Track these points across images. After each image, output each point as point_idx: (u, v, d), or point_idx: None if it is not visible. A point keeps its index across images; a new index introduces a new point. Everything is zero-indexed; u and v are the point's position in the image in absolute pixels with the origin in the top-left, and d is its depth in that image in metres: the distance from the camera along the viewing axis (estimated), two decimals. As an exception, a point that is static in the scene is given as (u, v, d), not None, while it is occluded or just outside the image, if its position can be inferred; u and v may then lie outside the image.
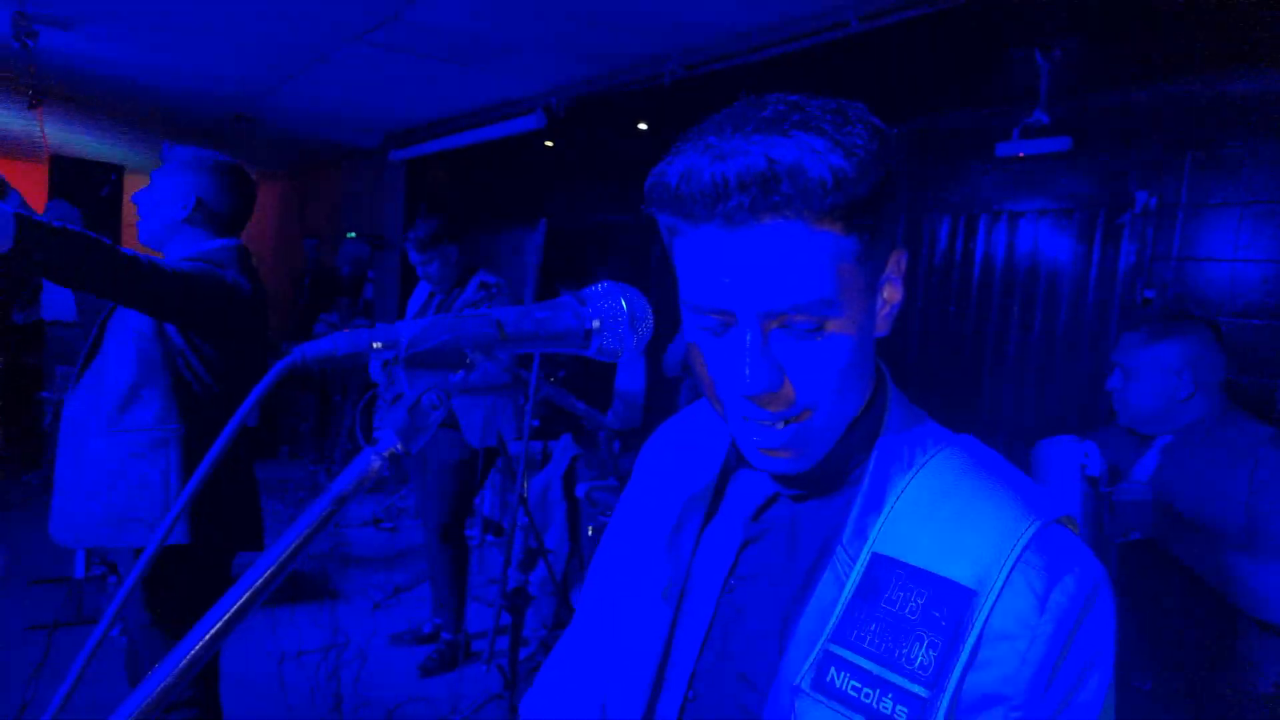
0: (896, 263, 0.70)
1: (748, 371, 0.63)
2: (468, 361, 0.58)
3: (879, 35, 2.99)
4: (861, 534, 0.67)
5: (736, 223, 0.60)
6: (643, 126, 4.91)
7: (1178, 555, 1.68)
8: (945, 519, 0.66)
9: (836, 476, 0.73)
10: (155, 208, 2.02)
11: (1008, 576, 0.61)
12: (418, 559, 4.56)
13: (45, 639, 3.28)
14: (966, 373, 3.97)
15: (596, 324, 0.65)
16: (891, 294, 0.71)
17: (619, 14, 3.36)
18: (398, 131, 6.38)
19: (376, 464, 0.53)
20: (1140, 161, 3.37)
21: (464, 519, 3.54)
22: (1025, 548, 0.62)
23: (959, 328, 4.02)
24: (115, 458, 1.88)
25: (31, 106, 4.74)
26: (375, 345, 0.56)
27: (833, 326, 0.64)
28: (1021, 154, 3.28)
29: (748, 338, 0.63)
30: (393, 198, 6.89)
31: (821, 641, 0.65)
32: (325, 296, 7.39)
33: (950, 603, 0.62)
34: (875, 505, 0.68)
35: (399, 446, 0.54)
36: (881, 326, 0.71)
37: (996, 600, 0.61)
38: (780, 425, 0.67)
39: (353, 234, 7.29)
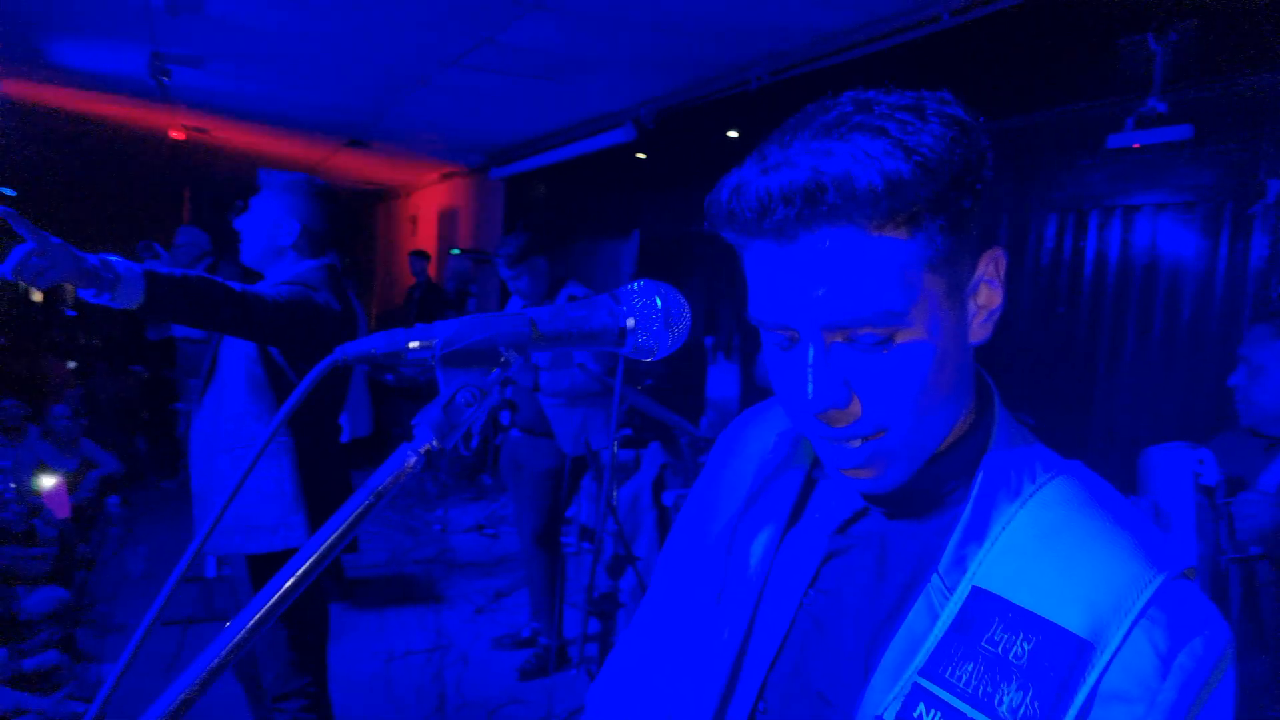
0: (992, 263, 0.65)
1: (811, 388, 0.61)
2: (503, 360, 0.59)
3: (973, 28, 2.88)
4: (960, 564, 0.63)
5: (788, 235, 0.58)
6: (733, 134, 4.89)
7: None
8: (1057, 558, 0.61)
9: (932, 497, 0.68)
10: (256, 232, 2.17)
11: (1128, 632, 0.56)
12: (517, 565, 4.67)
13: (179, 634, 3.56)
14: (1078, 380, 3.74)
15: (631, 322, 0.65)
16: (989, 298, 0.66)
17: (703, 23, 3.37)
18: (497, 150, 6.60)
19: (412, 460, 0.55)
20: (1271, 148, 3.10)
21: (558, 526, 3.60)
22: (1150, 602, 0.57)
23: (1068, 331, 3.80)
24: (240, 472, 2.04)
25: (167, 139, 5.18)
26: (411, 345, 0.58)
27: (904, 337, 0.60)
28: (1137, 144, 3.08)
29: (810, 353, 0.61)
30: (493, 214, 7.13)
31: (910, 673, 0.61)
32: (432, 311, 7.71)
33: (1061, 652, 0.57)
34: (977, 534, 0.63)
35: (435, 443, 0.56)
36: (977, 334, 0.66)
37: (1114, 657, 0.56)
38: (856, 443, 0.64)
39: (456, 250, 7.58)
